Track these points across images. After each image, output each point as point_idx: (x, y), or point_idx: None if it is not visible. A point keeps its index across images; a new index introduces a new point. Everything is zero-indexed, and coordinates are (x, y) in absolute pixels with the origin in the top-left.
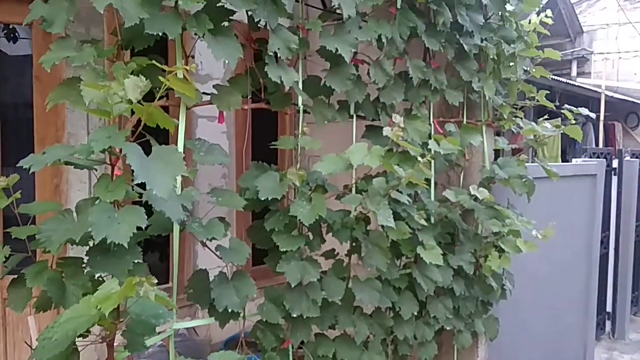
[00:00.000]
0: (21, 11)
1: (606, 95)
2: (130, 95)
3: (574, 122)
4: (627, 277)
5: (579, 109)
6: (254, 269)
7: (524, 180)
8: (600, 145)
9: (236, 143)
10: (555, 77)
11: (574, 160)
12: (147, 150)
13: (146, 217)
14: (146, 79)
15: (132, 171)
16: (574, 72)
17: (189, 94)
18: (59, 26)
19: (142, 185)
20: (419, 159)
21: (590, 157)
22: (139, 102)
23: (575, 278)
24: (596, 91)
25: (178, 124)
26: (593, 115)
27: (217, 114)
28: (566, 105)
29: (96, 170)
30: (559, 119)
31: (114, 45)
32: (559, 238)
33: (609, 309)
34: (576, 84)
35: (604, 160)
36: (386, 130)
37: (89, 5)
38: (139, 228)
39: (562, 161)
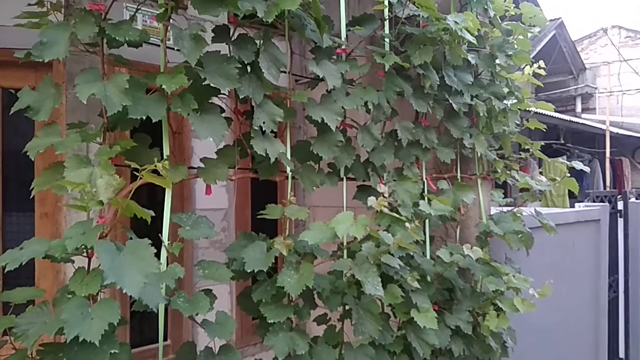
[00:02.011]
0: (24, 76)
1: (611, 131)
2: (102, 197)
3: (579, 160)
4: (638, 320)
5: (573, 162)
6: (254, 322)
7: (520, 235)
8: (608, 181)
9: (235, 196)
10: (559, 116)
11: (576, 205)
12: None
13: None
14: (121, 176)
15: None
16: (578, 108)
17: (165, 186)
18: (45, 114)
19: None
20: (407, 225)
21: (594, 201)
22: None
23: (584, 325)
24: (601, 128)
25: (154, 215)
26: (587, 169)
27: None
28: (560, 159)
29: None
30: (565, 156)
31: (99, 128)
32: (564, 286)
33: (622, 354)
34: (580, 121)
35: (608, 204)
36: (371, 201)
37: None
38: (111, 324)
39: (570, 198)
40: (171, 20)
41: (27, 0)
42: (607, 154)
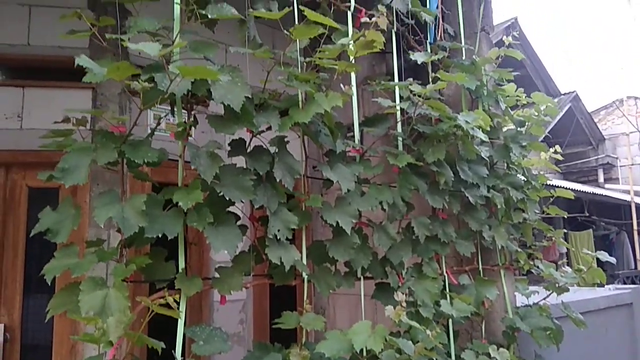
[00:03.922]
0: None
1: (637, 202)
2: (112, 336)
3: (604, 232)
4: None
5: (598, 253)
6: None
7: (548, 332)
8: (638, 254)
9: (253, 289)
10: (581, 188)
11: (606, 287)
12: None
13: None
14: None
15: None
16: (601, 179)
17: (175, 316)
18: (64, 236)
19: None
20: (428, 332)
21: (624, 283)
22: None
23: None
24: (625, 200)
25: (164, 345)
26: (613, 260)
27: None
28: (585, 250)
29: None
30: (590, 230)
31: (117, 247)
32: None
33: None
34: (603, 192)
35: (639, 286)
36: (388, 310)
37: None
38: None
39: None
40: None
41: (54, 105)
42: (635, 226)
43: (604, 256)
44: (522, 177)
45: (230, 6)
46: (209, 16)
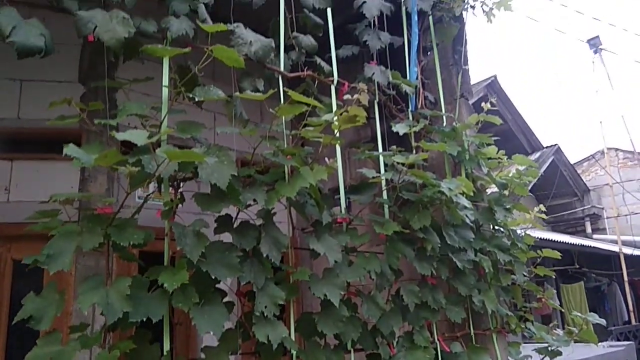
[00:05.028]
0: (36, 249)
1: (625, 253)
2: None
3: (596, 284)
4: None
5: (589, 315)
6: None
7: None
8: (630, 304)
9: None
10: (570, 240)
11: (600, 344)
12: None
13: None
14: None
15: None
16: (588, 229)
17: None
18: (47, 323)
19: None
20: None
21: (618, 339)
22: None
23: None
24: (613, 251)
25: None
26: (603, 322)
27: None
28: (575, 313)
29: None
30: (582, 282)
31: (100, 331)
32: None
33: None
34: (592, 244)
35: (633, 341)
36: None
37: None
38: None
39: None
40: None
41: (42, 177)
42: (625, 277)
43: (593, 318)
44: (507, 240)
45: (217, 88)
46: (196, 99)
